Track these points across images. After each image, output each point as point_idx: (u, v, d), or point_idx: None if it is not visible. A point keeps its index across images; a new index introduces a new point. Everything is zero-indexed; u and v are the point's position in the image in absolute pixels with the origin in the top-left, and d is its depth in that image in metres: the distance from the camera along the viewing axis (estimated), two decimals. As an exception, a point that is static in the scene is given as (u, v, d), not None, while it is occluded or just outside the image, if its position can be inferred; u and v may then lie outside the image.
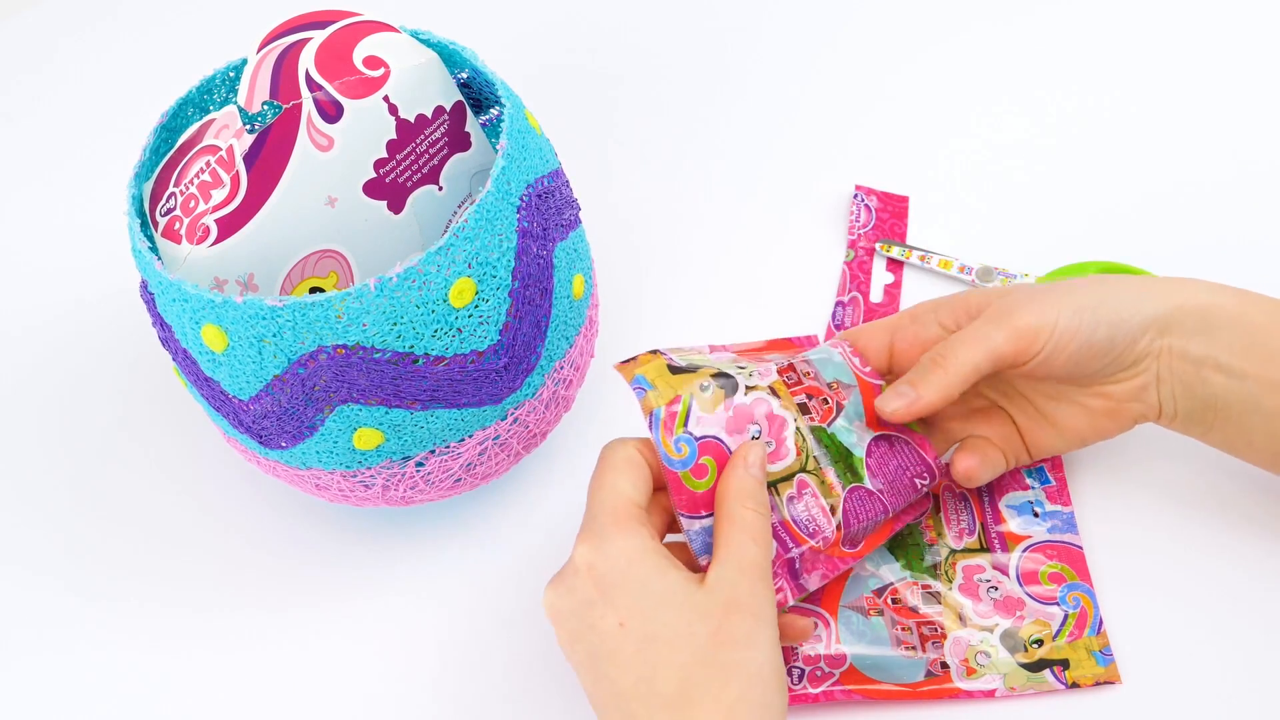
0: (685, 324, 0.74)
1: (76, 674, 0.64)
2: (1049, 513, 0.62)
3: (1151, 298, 0.57)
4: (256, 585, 0.66)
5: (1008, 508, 0.62)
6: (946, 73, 0.86)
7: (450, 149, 0.63)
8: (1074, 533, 0.61)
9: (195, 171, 0.59)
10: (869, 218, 0.77)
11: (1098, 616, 0.59)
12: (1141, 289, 0.57)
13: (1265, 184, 0.76)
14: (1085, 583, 0.60)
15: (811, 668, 0.57)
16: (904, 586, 0.60)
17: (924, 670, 0.57)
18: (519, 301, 0.57)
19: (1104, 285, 0.57)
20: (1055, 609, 0.59)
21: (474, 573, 0.65)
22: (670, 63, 0.89)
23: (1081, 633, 0.58)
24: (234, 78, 0.63)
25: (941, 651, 0.57)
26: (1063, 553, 0.61)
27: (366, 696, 0.62)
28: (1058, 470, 0.64)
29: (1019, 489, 0.63)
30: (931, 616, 0.58)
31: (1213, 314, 0.56)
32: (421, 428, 0.57)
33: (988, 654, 0.57)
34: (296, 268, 0.61)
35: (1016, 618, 0.58)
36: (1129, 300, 0.57)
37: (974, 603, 0.59)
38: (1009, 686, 0.57)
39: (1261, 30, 0.85)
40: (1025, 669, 0.57)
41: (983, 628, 0.58)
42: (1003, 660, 0.57)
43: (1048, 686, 0.57)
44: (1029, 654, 0.57)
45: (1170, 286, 0.57)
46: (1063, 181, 0.78)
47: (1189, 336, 0.56)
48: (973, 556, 0.61)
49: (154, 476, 0.71)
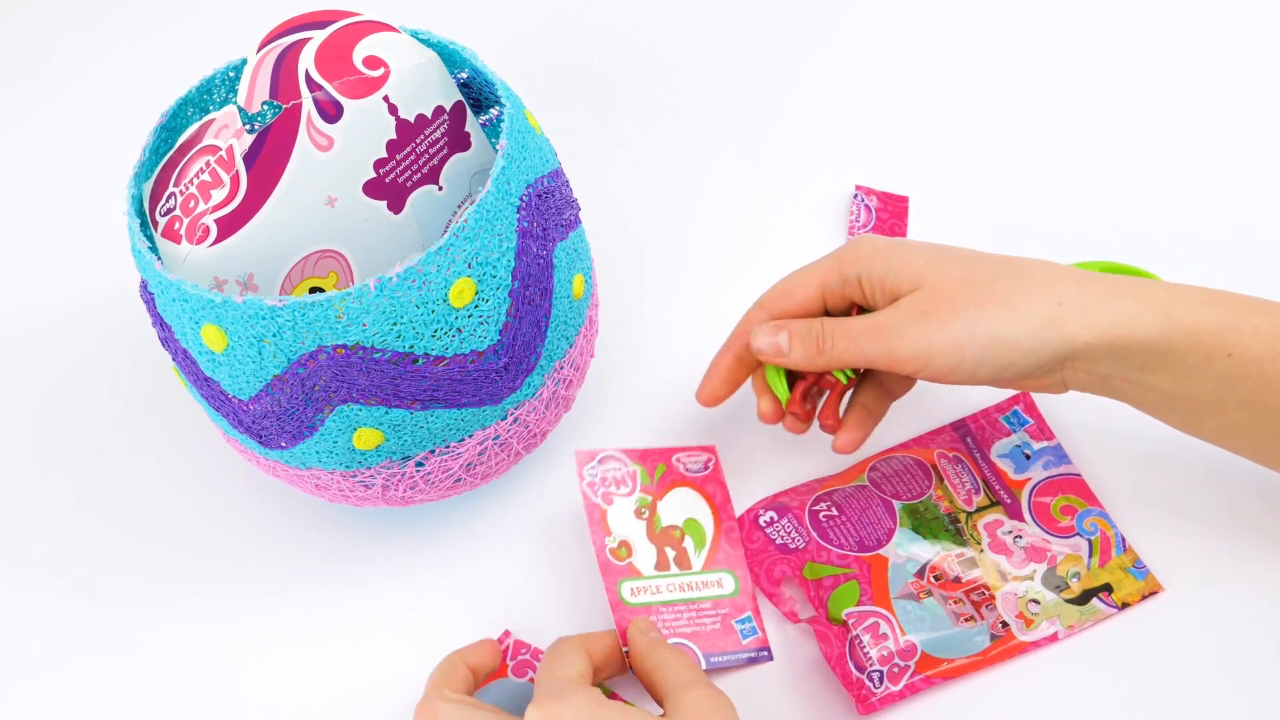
0: (685, 324, 0.74)
1: (76, 673, 0.64)
2: (1038, 451, 0.64)
3: (1055, 335, 0.55)
4: (256, 585, 0.66)
5: (999, 457, 0.64)
6: (947, 73, 0.86)
7: (450, 149, 0.63)
8: (1068, 463, 0.63)
9: (195, 171, 0.59)
10: (869, 218, 0.77)
11: (1118, 535, 0.60)
12: (1047, 324, 0.55)
13: (1265, 183, 0.76)
14: (1096, 506, 0.61)
15: (888, 666, 0.57)
16: (941, 561, 0.60)
17: (988, 635, 0.58)
18: (519, 301, 0.57)
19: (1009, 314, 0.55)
20: (1079, 540, 0.60)
21: (474, 573, 0.65)
22: (670, 63, 0.89)
23: (1110, 554, 0.60)
24: (234, 78, 0.63)
25: (997, 612, 0.59)
26: (1065, 484, 0.62)
27: (366, 696, 0.62)
28: (1032, 410, 0.65)
29: (1002, 436, 0.65)
30: (976, 581, 0.60)
31: (1122, 345, 0.55)
32: (421, 428, 0.57)
33: (1037, 601, 0.59)
34: (296, 268, 0.61)
35: (1049, 559, 0.60)
36: (1027, 339, 0.55)
37: (1006, 557, 0.60)
38: (1067, 626, 0.58)
39: (1260, 30, 0.85)
40: (1074, 604, 0.59)
41: (1023, 577, 0.60)
42: (1052, 603, 0.59)
43: (1101, 614, 0.58)
44: (1071, 590, 0.59)
45: (1082, 319, 0.55)
46: (1063, 181, 0.78)
47: (1094, 362, 0.56)
48: (988, 513, 0.62)
49: (154, 476, 0.71)
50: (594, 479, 0.63)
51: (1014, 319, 0.55)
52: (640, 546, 0.62)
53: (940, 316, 0.56)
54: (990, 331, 0.55)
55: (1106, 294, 0.55)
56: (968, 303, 0.56)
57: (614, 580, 0.60)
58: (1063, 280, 0.56)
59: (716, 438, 0.68)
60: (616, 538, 0.62)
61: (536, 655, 0.60)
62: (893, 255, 0.58)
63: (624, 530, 0.62)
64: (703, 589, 0.61)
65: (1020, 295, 0.55)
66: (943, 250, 0.58)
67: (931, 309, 0.56)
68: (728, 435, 0.68)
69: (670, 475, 0.65)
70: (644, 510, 0.63)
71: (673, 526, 0.63)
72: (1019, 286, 0.56)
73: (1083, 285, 0.56)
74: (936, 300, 0.56)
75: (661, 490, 0.64)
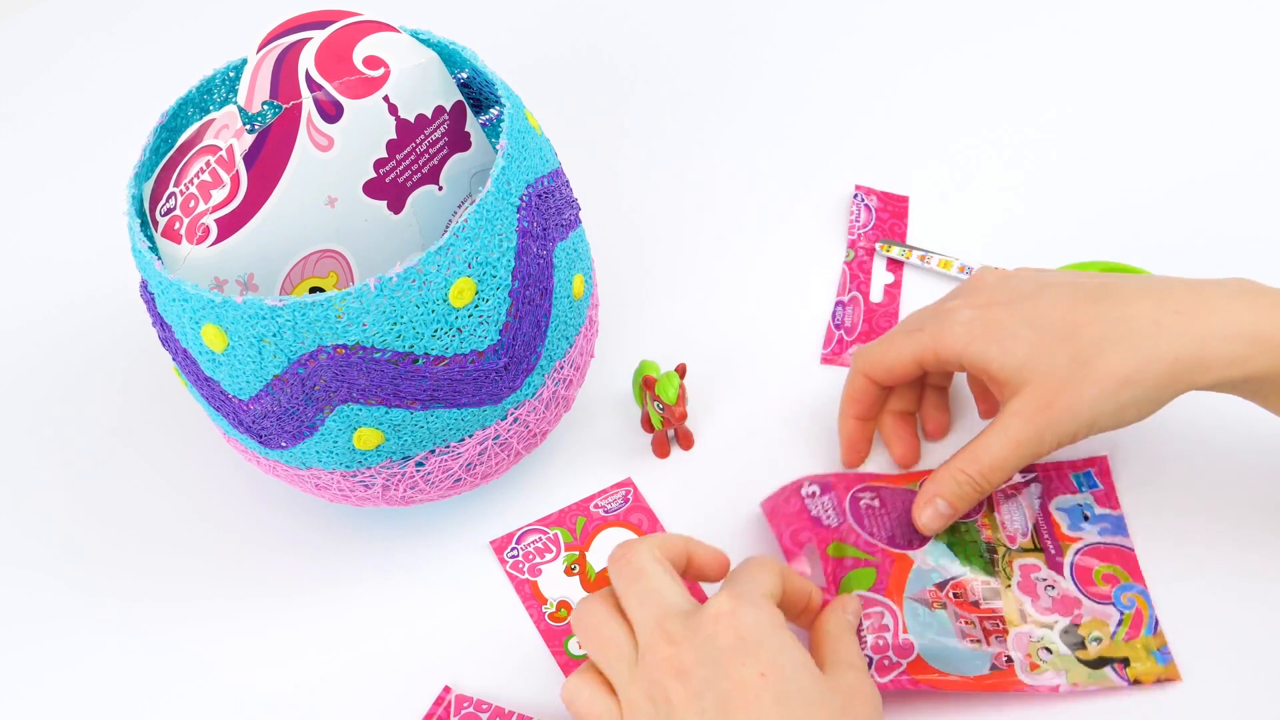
0: (686, 324, 0.74)
1: (75, 672, 0.64)
2: (1099, 516, 0.62)
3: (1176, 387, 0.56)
4: (256, 585, 0.66)
5: (1058, 510, 0.62)
6: (947, 73, 0.86)
7: (450, 149, 0.63)
8: (1124, 535, 0.61)
9: (195, 171, 0.59)
10: (869, 218, 0.77)
11: (1153, 616, 0.59)
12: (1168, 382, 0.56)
13: (1265, 182, 0.76)
14: (1139, 584, 0.60)
15: (880, 656, 0.57)
16: (966, 581, 0.60)
17: (989, 663, 0.57)
18: (519, 301, 0.57)
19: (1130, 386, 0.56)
20: (1111, 609, 0.59)
21: (474, 573, 0.65)
22: (671, 63, 0.89)
23: (1138, 633, 0.58)
24: (234, 78, 0.63)
25: (1005, 646, 0.58)
26: (1115, 554, 0.61)
27: (366, 696, 0.62)
28: (1105, 476, 0.64)
29: (1067, 493, 0.63)
30: (995, 611, 0.59)
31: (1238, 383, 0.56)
32: (421, 427, 0.57)
33: (1049, 649, 0.58)
34: (296, 268, 0.61)
35: (1074, 616, 0.59)
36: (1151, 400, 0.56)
37: (1032, 600, 0.59)
38: (1072, 682, 0.57)
39: (1259, 30, 0.85)
40: (1086, 665, 0.57)
41: (1043, 624, 0.58)
42: (1064, 656, 0.58)
43: (1110, 683, 0.57)
44: (1088, 651, 0.58)
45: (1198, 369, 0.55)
46: (1063, 181, 0.78)
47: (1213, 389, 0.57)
48: (1027, 556, 0.61)
49: (154, 476, 0.71)
50: (517, 558, 0.64)
51: (1134, 388, 0.56)
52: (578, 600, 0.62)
53: (1065, 406, 0.56)
54: (1115, 404, 0.56)
55: (1216, 340, 0.55)
56: (1086, 384, 0.56)
57: (558, 642, 0.61)
58: (1169, 330, 0.56)
59: (706, 437, 0.69)
60: (553, 602, 0.63)
61: (480, 707, 0.60)
62: (990, 340, 0.58)
63: (558, 592, 0.63)
64: None
65: (1132, 362, 0.56)
66: (1037, 324, 0.58)
67: (1052, 400, 0.56)
68: (746, 443, 0.68)
69: (591, 523, 0.65)
70: (574, 566, 0.64)
71: (605, 569, 0.63)
72: (1129, 352, 0.56)
73: (1192, 331, 0.56)
74: (1054, 391, 0.56)
75: (587, 540, 0.65)
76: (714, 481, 0.67)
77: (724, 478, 0.67)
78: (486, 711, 0.60)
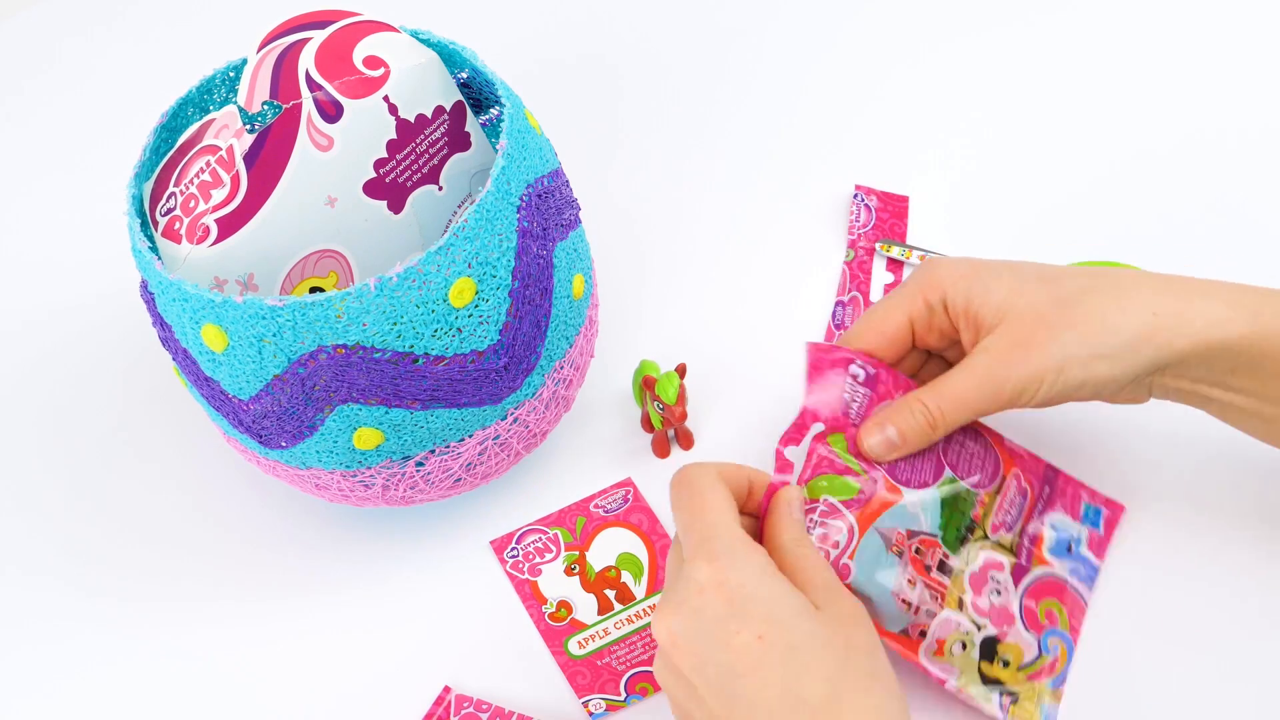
0: (686, 324, 0.74)
1: (75, 672, 0.64)
2: (1081, 556, 0.61)
3: (1151, 346, 0.55)
4: (256, 585, 0.66)
5: (1050, 527, 0.61)
6: (946, 73, 0.86)
7: (450, 149, 0.63)
8: (1090, 587, 0.60)
9: (195, 171, 0.59)
10: (869, 218, 0.77)
11: (1065, 673, 0.57)
12: (1144, 336, 0.55)
13: (1264, 181, 0.76)
14: (1072, 637, 0.58)
15: None
16: (933, 543, 0.58)
17: (903, 624, 0.56)
18: (519, 301, 0.57)
19: (1105, 331, 0.55)
20: (1034, 642, 0.57)
21: (474, 573, 0.65)
22: (671, 63, 0.89)
23: (1042, 678, 0.57)
24: (234, 78, 0.63)
25: (929, 622, 0.56)
26: (1070, 599, 0.59)
27: (366, 695, 0.62)
28: (1111, 525, 0.62)
29: (1070, 515, 0.61)
30: (940, 584, 0.57)
31: (1214, 349, 0.55)
32: (421, 427, 0.57)
33: (965, 645, 0.56)
34: (296, 268, 0.61)
35: (1001, 630, 0.57)
36: (1125, 353, 0.55)
37: (975, 594, 0.58)
38: (959, 685, 0.56)
39: (1257, 29, 0.85)
40: (982, 680, 0.56)
41: (972, 621, 0.57)
42: (971, 660, 0.56)
43: (990, 709, 0.56)
44: (993, 668, 0.56)
45: (1176, 326, 0.55)
46: (1062, 181, 0.78)
47: (1185, 369, 0.56)
48: (999, 552, 0.59)
49: (154, 476, 0.71)
50: (517, 558, 0.64)
51: (1110, 334, 0.55)
52: (579, 600, 0.63)
53: (1037, 344, 0.55)
54: (1089, 351, 0.55)
55: (1196, 298, 0.55)
56: (1061, 324, 0.55)
57: (558, 641, 0.61)
58: (1149, 287, 0.56)
59: (705, 436, 0.69)
60: (553, 602, 0.63)
61: (480, 707, 0.60)
62: (974, 279, 0.58)
63: (558, 592, 0.63)
64: (651, 614, 0.62)
65: (1113, 310, 0.55)
66: (1021, 270, 0.57)
67: (1025, 338, 0.55)
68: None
69: (591, 523, 0.65)
70: (573, 566, 0.64)
71: (607, 568, 0.64)
72: (1110, 300, 0.55)
73: (1172, 291, 0.55)
74: (1028, 328, 0.56)
75: (586, 540, 0.65)
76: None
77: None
78: (486, 711, 0.60)
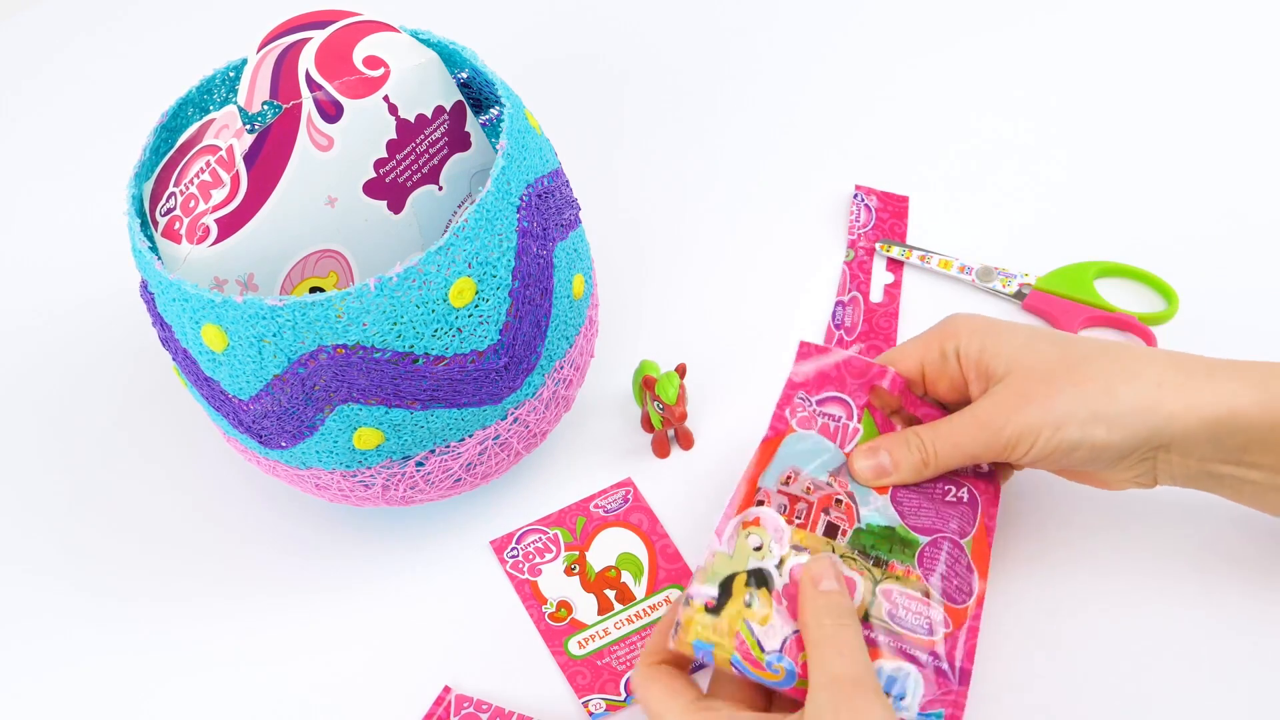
0: (686, 324, 0.74)
1: (75, 671, 0.64)
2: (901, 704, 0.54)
3: (1154, 416, 0.54)
4: (256, 585, 0.66)
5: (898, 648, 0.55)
6: (946, 73, 0.86)
7: (450, 149, 0.63)
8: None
9: (195, 171, 0.59)
10: (869, 218, 0.77)
11: (752, 675, 0.53)
12: (1147, 405, 0.54)
13: (1264, 181, 0.76)
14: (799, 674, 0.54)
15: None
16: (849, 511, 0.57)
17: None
18: (519, 301, 0.57)
19: (1107, 394, 0.54)
20: (781, 639, 0.53)
21: (474, 573, 0.65)
22: (671, 63, 0.89)
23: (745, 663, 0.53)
24: (234, 78, 0.63)
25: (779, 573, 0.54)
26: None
27: (366, 695, 0.62)
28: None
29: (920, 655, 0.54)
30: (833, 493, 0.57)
31: (1222, 426, 0.54)
32: (421, 427, 0.57)
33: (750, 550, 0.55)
34: (296, 267, 0.61)
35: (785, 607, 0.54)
36: (1126, 418, 0.54)
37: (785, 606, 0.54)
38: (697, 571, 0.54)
39: (1257, 29, 0.85)
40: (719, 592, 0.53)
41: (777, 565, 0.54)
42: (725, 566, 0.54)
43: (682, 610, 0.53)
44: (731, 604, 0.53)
45: (1181, 398, 0.54)
46: (1062, 181, 0.78)
47: (1192, 447, 0.55)
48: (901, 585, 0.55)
49: (154, 476, 0.71)
50: (517, 558, 0.64)
51: (1112, 399, 0.54)
52: (579, 600, 0.63)
53: (1038, 399, 0.55)
54: (1089, 411, 0.54)
55: (1204, 374, 0.54)
56: (1065, 382, 0.55)
57: (558, 641, 0.61)
58: (1160, 361, 0.55)
59: (700, 438, 0.69)
60: (553, 602, 0.63)
61: (480, 707, 0.60)
62: (989, 332, 0.58)
63: (558, 592, 0.63)
64: (651, 613, 0.62)
65: (1118, 375, 0.55)
66: (1036, 331, 0.58)
67: (1029, 392, 0.56)
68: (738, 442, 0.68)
69: (592, 523, 0.66)
70: (574, 566, 0.64)
71: (607, 568, 0.64)
72: (1116, 366, 0.55)
73: (1180, 366, 0.55)
74: (1033, 382, 0.56)
75: (587, 540, 0.65)
76: (714, 481, 0.67)
77: (724, 478, 0.67)
78: (486, 711, 0.60)
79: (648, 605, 0.62)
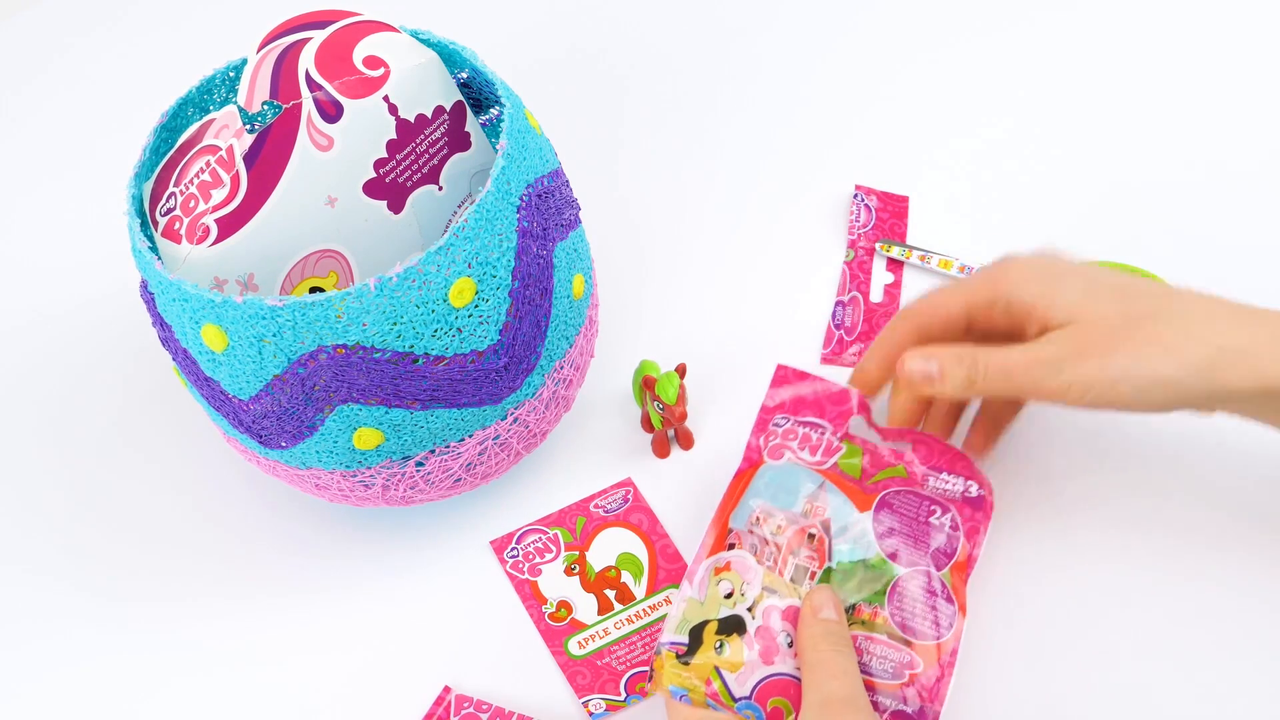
0: (685, 324, 0.74)
1: (74, 671, 0.64)
2: None
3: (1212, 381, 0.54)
4: (256, 585, 0.66)
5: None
6: (946, 73, 0.86)
7: (450, 149, 0.63)
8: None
9: (195, 171, 0.59)
10: (869, 218, 0.77)
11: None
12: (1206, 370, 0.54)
13: (1264, 180, 0.76)
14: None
15: None
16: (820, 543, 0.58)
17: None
18: (519, 301, 0.57)
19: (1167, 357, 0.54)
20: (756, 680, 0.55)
21: (474, 573, 0.65)
22: (671, 63, 0.89)
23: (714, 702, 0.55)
24: (234, 78, 0.63)
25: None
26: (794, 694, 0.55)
27: (366, 696, 0.62)
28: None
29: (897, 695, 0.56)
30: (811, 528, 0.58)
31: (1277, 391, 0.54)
32: (421, 427, 0.57)
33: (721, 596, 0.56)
34: (296, 268, 0.61)
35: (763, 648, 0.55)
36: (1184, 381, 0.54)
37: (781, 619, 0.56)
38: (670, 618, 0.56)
39: (1256, 29, 0.85)
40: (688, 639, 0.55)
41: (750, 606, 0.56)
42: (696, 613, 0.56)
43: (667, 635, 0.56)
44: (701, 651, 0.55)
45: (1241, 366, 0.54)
46: (1062, 181, 0.78)
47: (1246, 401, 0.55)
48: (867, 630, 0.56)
49: (154, 476, 0.71)
50: (517, 558, 0.64)
51: (1172, 362, 0.54)
52: (579, 600, 0.63)
53: (1097, 355, 0.55)
54: (1147, 374, 0.54)
55: (1266, 339, 0.54)
56: (1126, 341, 0.55)
57: (558, 641, 0.61)
58: (1222, 319, 0.55)
59: (702, 438, 0.69)
60: (553, 602, 0.63)
61: (480, 707, 0.60)
62: (1047, 281, 0.57)
63: (558, 592, 0.63)
64: (651, 613, 0.62)
65: (1179, 338, 0.55)
66: (1096, 279, 0.57)
67: (1088, 347, 0.55)
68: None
69: (592, 523, 0.66)
70: (574, 566, 0.64)
71: (607, 568, 0.64)
72: (1178, 327, 0.55)
73: (1243, 326, 0.55)
74: (1094, 337, 0.55)
75: (587, 540, 0.65)
76: (714, 481, 0.67)
77: (724, 478, 0.66)
78: (486, 712, 0.60)
79: (648, 605, 0.62)
